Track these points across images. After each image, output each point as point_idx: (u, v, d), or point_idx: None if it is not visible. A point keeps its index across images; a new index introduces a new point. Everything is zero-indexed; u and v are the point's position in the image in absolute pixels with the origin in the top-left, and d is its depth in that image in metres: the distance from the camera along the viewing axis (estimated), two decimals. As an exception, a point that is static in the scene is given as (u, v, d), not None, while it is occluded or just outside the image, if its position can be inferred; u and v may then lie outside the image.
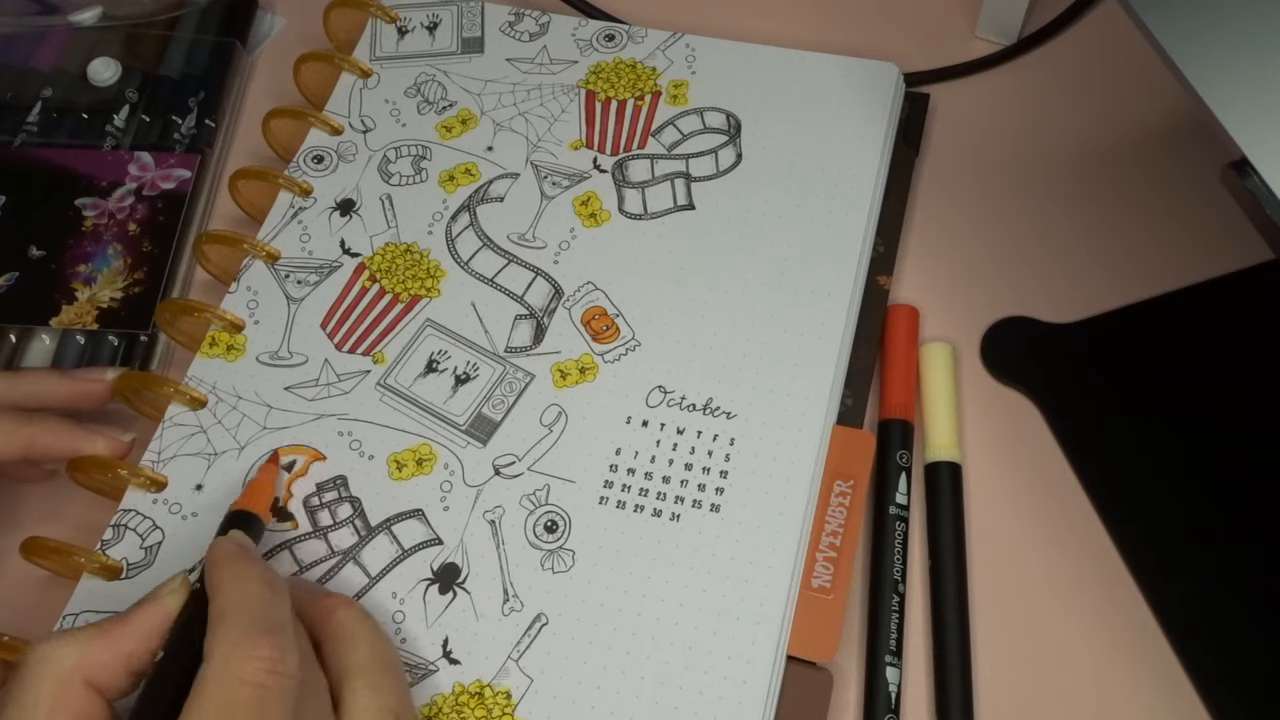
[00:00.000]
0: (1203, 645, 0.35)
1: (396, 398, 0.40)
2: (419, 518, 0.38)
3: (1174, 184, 0.44)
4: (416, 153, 0.45)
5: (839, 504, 0.37)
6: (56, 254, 0.45)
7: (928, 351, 0.41)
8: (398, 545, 0.37)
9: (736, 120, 0.44)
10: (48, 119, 0.48)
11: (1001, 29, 0.48)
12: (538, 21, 0.48)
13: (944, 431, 0.39)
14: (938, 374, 0.40)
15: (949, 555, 0.37)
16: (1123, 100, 0.46)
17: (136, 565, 0.38)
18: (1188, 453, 0.38)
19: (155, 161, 0.47)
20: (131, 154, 0.47)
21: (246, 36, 0.51)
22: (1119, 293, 0.42)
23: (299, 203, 0.45)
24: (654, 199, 0.43)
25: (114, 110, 0.49)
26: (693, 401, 0.39)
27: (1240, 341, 0.40)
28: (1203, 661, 0.35)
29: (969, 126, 0.47)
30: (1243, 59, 0.28)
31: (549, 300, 0.41)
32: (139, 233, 0.45)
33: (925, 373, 0.40)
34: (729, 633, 0.35)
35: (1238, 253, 0.41)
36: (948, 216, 0.45)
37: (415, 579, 0.37)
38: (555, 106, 0.46)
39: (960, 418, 0.40)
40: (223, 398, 0.40)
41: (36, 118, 0.48)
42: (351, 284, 0.43)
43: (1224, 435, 0.38)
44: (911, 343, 0.41)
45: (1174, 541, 0.37)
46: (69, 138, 0.48)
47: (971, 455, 0.39)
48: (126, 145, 0.48)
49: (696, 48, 0.47)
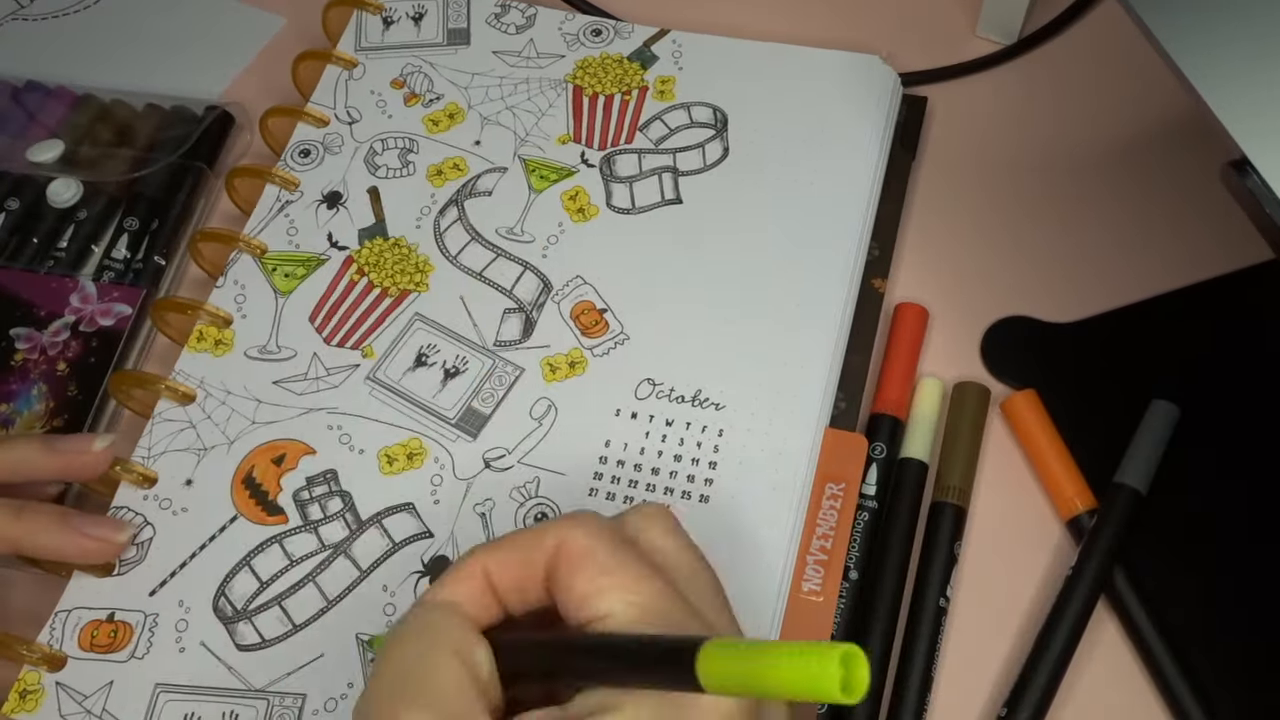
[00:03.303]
0: (1203, 645, 0.35)
1: (386, 392, 0.40)
2: (410, 511, 0.38)
3: (1174, 184, 0.44)
4: (404, 145, 0.45)
5: (830, 507, 0.37)
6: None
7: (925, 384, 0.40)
8: (389, 539, 0.38)
9: (723, 114, 0.45)
10: (4, 235, 0.46)
11: (1002, 28, 0.48)
12: (524, 14, 0.48)
13: (922, 441, 0.39)
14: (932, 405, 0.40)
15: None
16: (1123, 100, 0.46)
17: (128, 561, 0.38)
18: (1187, 451, 0.38)
19: (98, 293, 0.44)
20: (76, 281, 0.45)
21: (216, 160, 0.48)
22: (1119, 292, 0.42)
23: (285, 196, 0.45)
24: (642, 193, 0.43)
25: (60, 232, 0.46)
26: (681, 394, 0.39)
27: (1240, 341, 0.40)
28: (1201, 663, 0.35)
29: (968, 126, 0.47)
30: (1243, 58, 0.28)
31: (538, 294, 0.42)
32: (67, 373, 0.42)
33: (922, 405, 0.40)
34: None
35: (1238, 253, 0.41)
36: (946, 216, 0.45)
37: (406, 572, 0.37)
38: (543, 101, 0.46)
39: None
40: (211, 392, 0.40)
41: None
42: (339, 278, 0.43)
43: (1224, 435, 0.38)
44: (916, 343, 0.41)
45: (1174, 540, 0.37)
46: (15, 257, 0.46)
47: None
48: (73, 270, 0.45)
49: (683, 43, 0.47)
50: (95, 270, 0.46)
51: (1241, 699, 0.34)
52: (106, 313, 0.44)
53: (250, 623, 0.36)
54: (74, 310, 0.44)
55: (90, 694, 0.36)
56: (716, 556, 0.36)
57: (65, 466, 0.37)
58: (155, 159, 0.47)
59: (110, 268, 0.46)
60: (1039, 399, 0.39)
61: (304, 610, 0.37)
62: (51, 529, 0.36)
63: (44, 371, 0.43)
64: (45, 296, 0.45)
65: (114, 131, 0.49)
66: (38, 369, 0.43)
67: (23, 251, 0.46)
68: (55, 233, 0.46)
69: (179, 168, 0.47)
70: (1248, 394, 0.39)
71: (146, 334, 0.44)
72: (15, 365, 0.43)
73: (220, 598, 0.37)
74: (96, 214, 0.47)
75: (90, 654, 0.36)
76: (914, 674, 0.35)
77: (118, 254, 0.46)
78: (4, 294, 0.45)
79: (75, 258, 0.46)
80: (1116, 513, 0.36)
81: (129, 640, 0.36)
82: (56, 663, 0.36)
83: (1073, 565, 0.36)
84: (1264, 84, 0.27)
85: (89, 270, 0.46)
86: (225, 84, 0.51)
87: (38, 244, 0.46)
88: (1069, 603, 0.35)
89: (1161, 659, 0.35)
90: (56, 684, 0.36)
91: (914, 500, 0.38)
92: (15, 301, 0.45)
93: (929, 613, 0.36)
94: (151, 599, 0.37)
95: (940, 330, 0.42)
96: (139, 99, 0.50)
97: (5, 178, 0.48)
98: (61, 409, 0.42)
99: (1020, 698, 0.34)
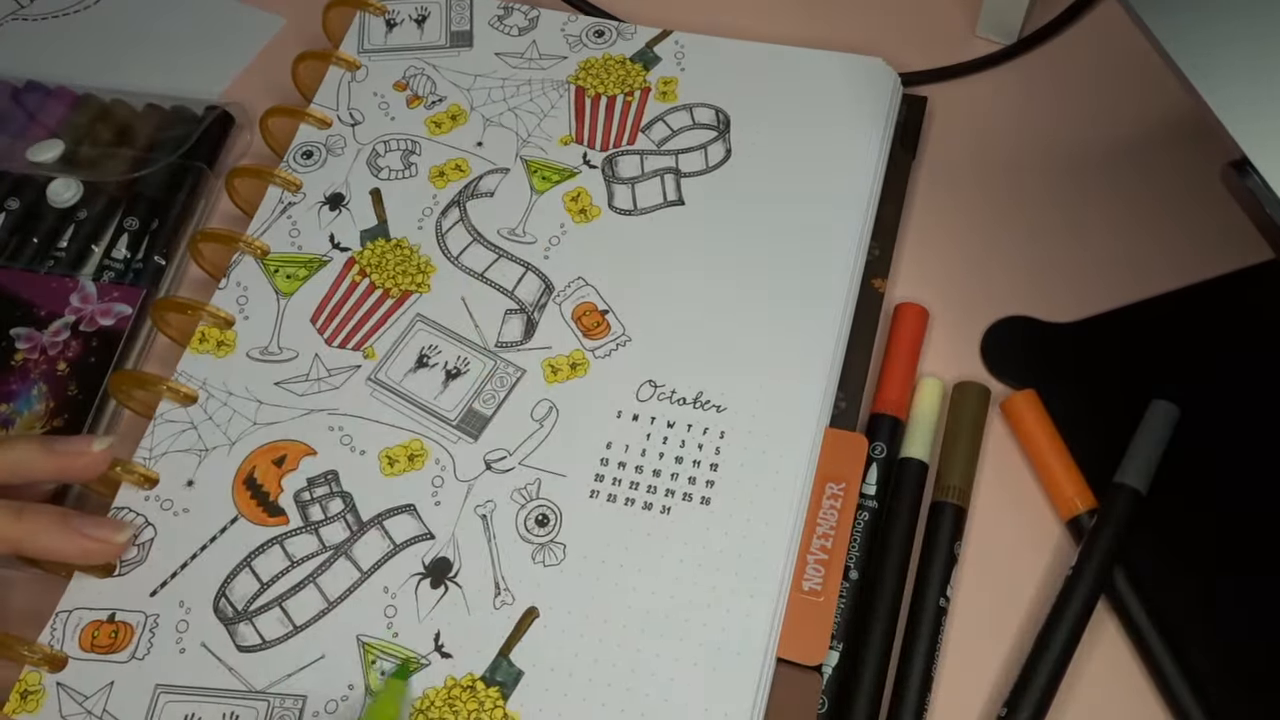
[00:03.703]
0: (1202, 645, 0.35)
1: (387, 393, 0.40)
2: (410, 513, 0.38)
3: (1174, 183, 0.44)
4: (406, 147, 0.45)
5: (830, 506, 0.37)
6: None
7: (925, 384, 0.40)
8: (389, 540, 0.38)
9: (726, 116, 0.45)
10: (4, 235, 0.46)
11: (1002, 28, 0.48)
12: (527, 16, 0.48)
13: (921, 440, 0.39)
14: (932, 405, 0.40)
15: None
16: (1123, 100, 0.46)
17: (129, 562, 0.38)
18: (1187, 451, 0.38)
19: (98, 293, 0.44)
20: (76, 281, 0.45)
21: (216, 160, 0.48)
22: (1119, 292, 0.42)
23: (288, 197, 0.45)
24: (643, 194, 0.43)
25: (60, 231, 0.46)
26: (683, 395, 0.39)
27: (1241, 341, 0.40)
28: (1201, 663, 0.35)
29: (968, 126, 0.47)
30: (1243, 58, 0.28)
31: (539, 295, 0.42)
32: (67, 373, 0.42)
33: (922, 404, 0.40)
34: (719, 624, 0.35)
35: (1238, 252, 0.41)
36: (946, 216, 0.45)
37: (407, 574, 0.37)
38: (545, 102, 0.46)
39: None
40: (213, 393, 0.41)
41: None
42: (341, 279, 0.43)
43: (1224, 434, 0.38)
44: (916, 343, 0.41)
45: (1174, 540, 0.37)
46: (15, 257, 0.46)
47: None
48: (73, 270, 0.45)
49: (685, 44, 0.47)
50: (95, 270, 0.46)
51: (1241, 699, 0.34)
52: (107, 312, 0.44)
53: (251, 624, 0.36)
54: (74, 310, 0.44)
55: (91, 694, 0.36)
56: (717, 557, 0.36)
57: (64, 467, 0.37)
58: (155, 159, 0.48)
59: (110, 267, 0.46)
60: (1039, 399, 0.39)
61: (304, 611, 0.37)
62: (52, 530, 0.36)
63: (44, 371, 0.43)
64: (45, 296, 0.45)
65: (114, 131, 0.49)
66: (38, 369, 0.43)
67: (23, 251, 0.46)
68: (55, 232, 0.47)
69: (179, 168, 0.47)
70: (1248, 394, 0.39)
71: (146, 334, 0.44)
72: (15, 365, 0.43)
73: (221, 599, 0.37)
74: (97, 214, 0.47)
75: (91, 654, 0.36)
76: (914, 674, 0.35)
77: (118, 254, 0.46)
78: (4, 294, 0.45)
79: (75, 257, 0.46)
80: (1116, 513, 0.36)
81: (130, 641, 0.36)
82: (57, 663, 0.36)
83: (1073, 565, 0.36)
84: (1264, 84, 0.27)
85: (89, 270, 0.46)
86: (225, 84, 0.51)
87: (38, 244, 0.46)
88: (1069, 603, 0.35)
89: (1161, 659, 0.35)
90: (57, 684, 0.36)
91: (914, 500, 0.38)
92: (15, 301, 0.45)
93: (929, 613, 0.36)
94: (152, 600, 0.37)
95: (940, 330, 0.42)
96: (139, 99, 0.50)
97: (5, 178, 0.48)
98: (61, 409, 0.42)
99: (1020, 698, 0.34)
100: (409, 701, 0.35)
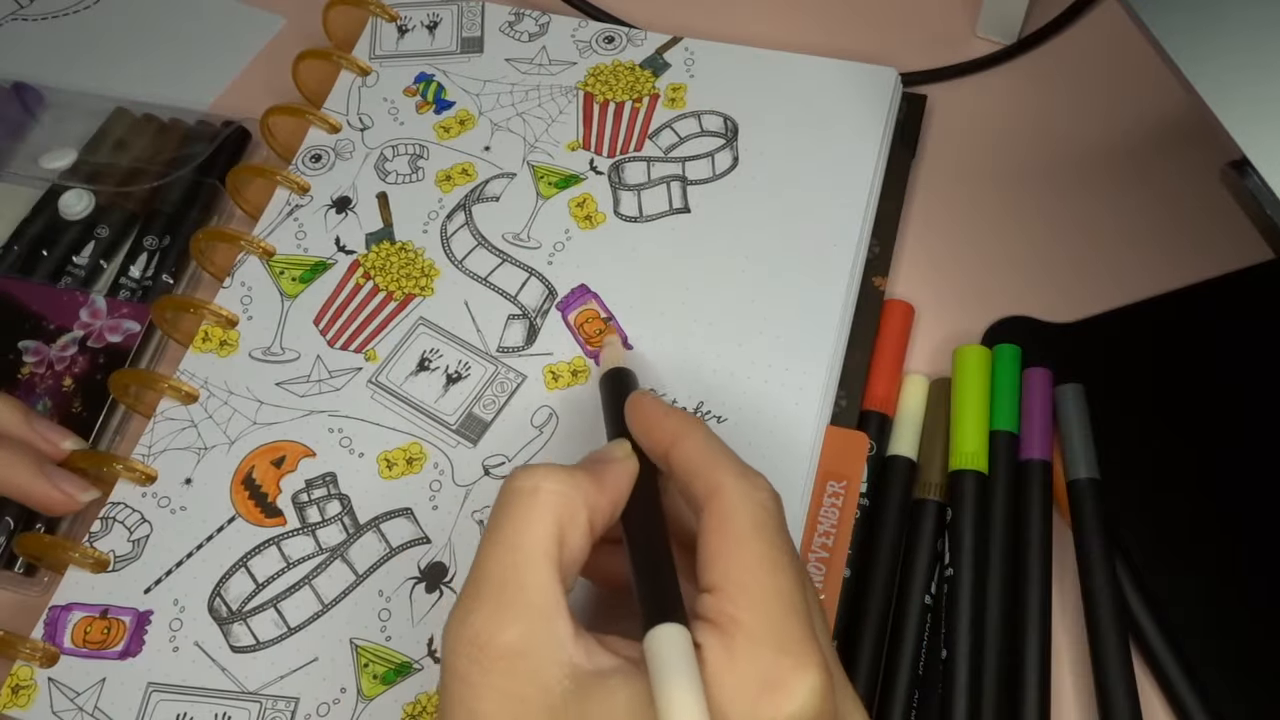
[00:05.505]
0: (1201, 645, 0.35)
1: (388, 395, 0.40)
2: (407, 516, 0.38)
3: (1174, 184, 0.44)
4: (414, 151, 0.45)
5: (831, 505, 0.37)
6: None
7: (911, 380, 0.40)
8: (385, 543, 0.37)
9: (734, 124, 0.44)
10: (19, 247, 0.46)
11: (1002, 28, 0.48)
12: (537, 22, 0.48)
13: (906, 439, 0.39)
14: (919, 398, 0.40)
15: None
16: (1123, 100, 0.46)
17: (124, 558, 0.38)
18: (1188, 451, 0.38)
19: (108, 308, 0.44)
20: (86, 296, 0.44)
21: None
22: (1119, 293, 0.42)
23: (295, 200, 0.45)
24: (650, 202, 0.43)
25: (80, 246, 0.46)
26: (684, 405, 0.39)
27: (1241, 341, 0.39)
28: (1200, 662, 0.35)
29: (968, 126, 0.46)
30: (1243, 58, 0.28)
31: (542, 301, 0.41)
32: (72, 389, 0.42)
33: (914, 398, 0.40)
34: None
35: (1238, 253, 0.41)
36: (945, 216, 0.45)
37: (402, 577, 0.37)
38: (553, 107, 0.46)
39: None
40: (214, 392, 0.40)
41: (5, 243, 0.46)
42: (345, 281, 0.43)
43: (1225, 434, 0.38)
44: (902, 339, 0.41)
45: (1174, 540, 0.37)
46: (27, 269, 0.46)
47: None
48: (84, 285, 0.45)
49: (695, 51, 0.47)
50: (109, 287, 0.45)
51: (1242, 698, 0.34)
52: (115, 329, 0.44)
53: (245, 624, 0.36)
54: (83, 325, 0.44)
55: (82, 691, 0.35)
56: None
57: (33, 442, 0.39)
58: (170, 175, 0.47)
59: (125, 285, 0.45)
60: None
61: (299, 613, 0.36)
62: (27, 470, 0.38)
63: (49, 387, 0.43)
64: (55, 310, 0.45)
65: (128, 145, 0.49)
66: (43, 384, 0.43)
67: (35, 264, 0.46)
68: (68, 245, 0.46)
69: (193, 184, 0.47)
70: (1248, 394, 0.39)
71: (153, 352, 0.44)
72: (21, 379, 0.43)
73: (215, 598, 0.37)
74: (113, 230, 0.47)
75: (83, 650, 0.36)
76: (902, 671, 0.35)
77: (134, 272, 0.46)
78: (15, 305, 0.45)
79: (89, 274, 0.46)
80: (1088, 509, 0.36)
81: (122, 637, 0.36)
82: (49, 658, 0.36)
83: (1081, 584, 0.36)
84: (1264, 84, 0.27)
85: (101, 286, 0.46)
86: (225, 84, 0.51)
87: (48, 256, 0.46)
88: (1100, 625, 0.35)
89: (1162, 659, 0.35)
90: (49, 680, 0.36)
91: (901, 497, 0.38)
92: (25, 313, 0.45)
93: (914, 614, 0.36)
94: (146, 596, 0.37)
95: (940, 330, 0.42)
96: (149, 109, 0.50)
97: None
98: (65, 425, 0.41)
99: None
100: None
